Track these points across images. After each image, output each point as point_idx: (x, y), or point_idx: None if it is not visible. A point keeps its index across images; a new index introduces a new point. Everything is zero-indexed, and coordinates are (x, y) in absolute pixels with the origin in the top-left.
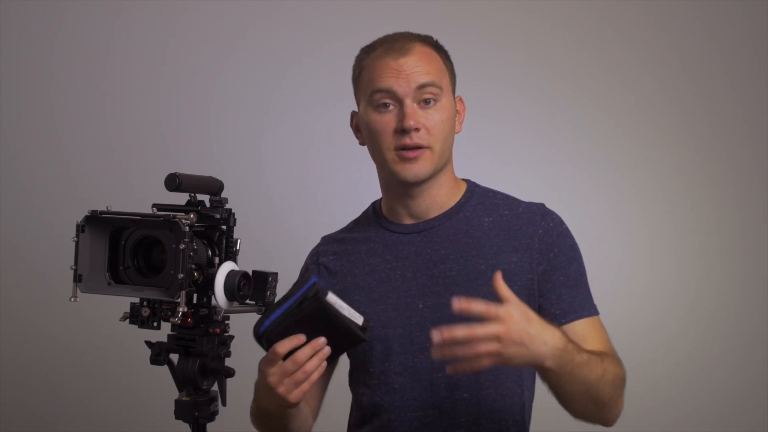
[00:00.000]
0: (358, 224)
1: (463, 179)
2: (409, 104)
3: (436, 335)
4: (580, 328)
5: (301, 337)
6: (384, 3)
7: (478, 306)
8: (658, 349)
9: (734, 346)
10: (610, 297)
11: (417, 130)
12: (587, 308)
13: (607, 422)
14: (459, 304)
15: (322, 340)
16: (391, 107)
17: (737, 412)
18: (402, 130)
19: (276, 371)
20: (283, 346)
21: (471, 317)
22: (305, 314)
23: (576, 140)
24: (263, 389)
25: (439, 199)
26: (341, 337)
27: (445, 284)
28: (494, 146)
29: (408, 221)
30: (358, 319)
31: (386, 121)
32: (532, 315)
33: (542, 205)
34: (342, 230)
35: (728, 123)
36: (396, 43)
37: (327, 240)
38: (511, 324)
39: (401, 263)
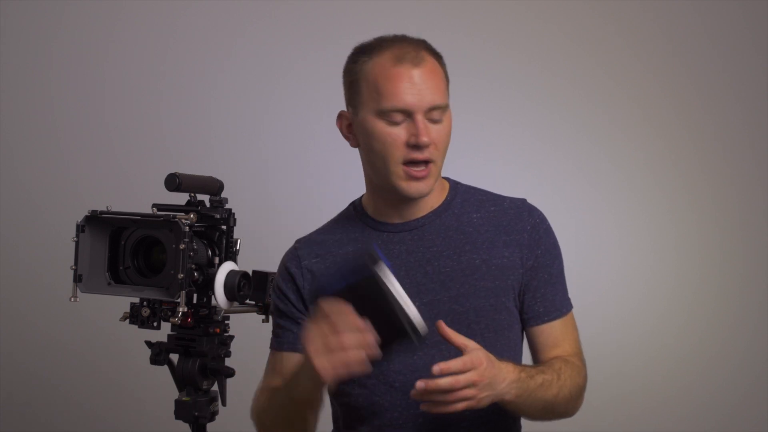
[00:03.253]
0: (338, 225)
1: (444, 177)
2: (421, 119)
3: (420, 384)
4: (557, 328)
5: (349, 309)
6: (383, 3)
7: (455, 365)
8: (657, 349)
9: (734, 346)
10: (609, 297)
11: (428, 145)
12: (565, 305)
13: (568, 417)
14: (438, 368)
15: (371, 339)
16: (401, 119)
17: (737, 412)
18: (415, 146)
19: (317, 338)
20: (329, 306)
21: (465, 318)
22: (354, 284)
23: (575, 139)
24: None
25: (430, 199)
26: (387, 324)
27: (440, 280)
28: (493, 146)
29: (396, 220)
30: (412, 310)
31: (396, 133)
32: (491, 355)
33: (525, 200)
34: (319, 232)
35: (728, 122)
36: (407, 52)
37: (305, 242)
38: (482, 369)
39: (393, 262)
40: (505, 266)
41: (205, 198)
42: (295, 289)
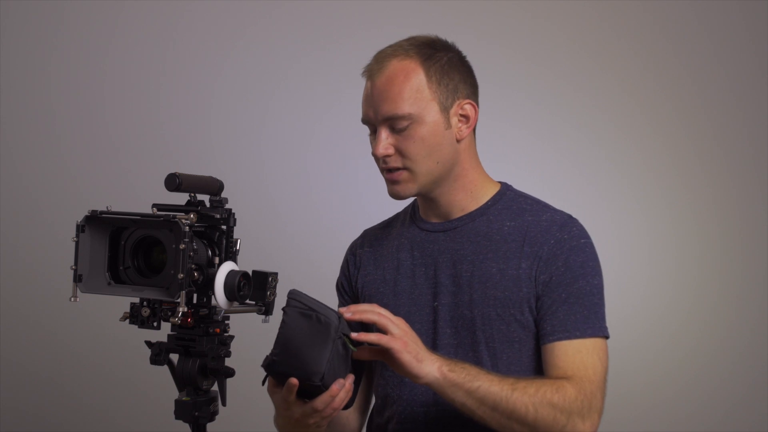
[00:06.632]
0: (397, 219)
1: (500, 182)
2: (381, 131)
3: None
4: (563, 350)
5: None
6: (384, 3)
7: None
8: (657, 350)
9: (734, 346)
10: (609, 298)
11: (388, 155)
12: (582, 329)
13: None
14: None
15: (335, 388)
16: (371, 131)
17: (737, 412)
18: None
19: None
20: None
21: (471, 325)
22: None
23: (575, 139)
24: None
25: (458, 201)
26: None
27: (458, 284)
28: (492, 146)
29: (435, 220)
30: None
31: (371, 145)
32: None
33: (567, 215)
34: (381, 224)
35: (728, 123)
36: (373, 64)
37: (366, 233)
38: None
39: (425, 260)
40: (520, 277)
41: (205, 198)
42: (347, 276)
